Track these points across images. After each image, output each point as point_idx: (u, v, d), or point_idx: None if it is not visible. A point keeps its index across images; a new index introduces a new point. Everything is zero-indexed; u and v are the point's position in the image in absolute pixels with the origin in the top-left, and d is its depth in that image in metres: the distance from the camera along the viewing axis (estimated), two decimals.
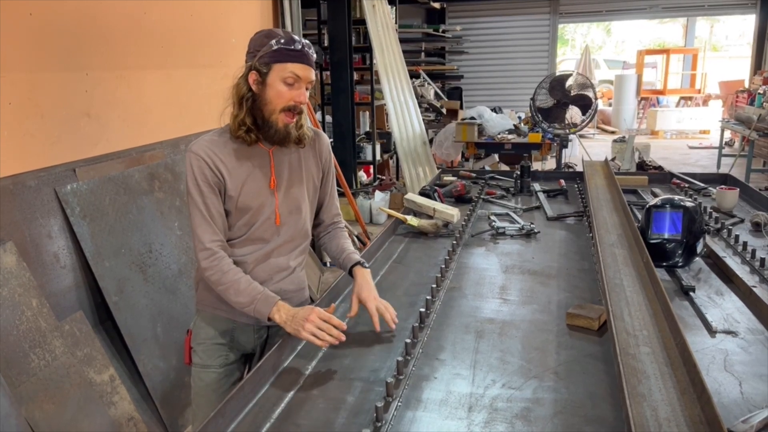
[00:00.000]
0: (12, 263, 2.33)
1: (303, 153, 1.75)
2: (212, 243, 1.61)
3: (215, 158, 1.61)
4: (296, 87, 1.58)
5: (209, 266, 1.60)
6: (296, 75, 1.56)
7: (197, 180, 1.60)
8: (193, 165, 1.60)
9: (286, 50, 1.55)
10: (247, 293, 1.59)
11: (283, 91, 1.57)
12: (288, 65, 1.56)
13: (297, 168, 1.74)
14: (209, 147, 1.62)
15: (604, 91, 15.60)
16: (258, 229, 1.70)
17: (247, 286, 1.60)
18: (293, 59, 1.56)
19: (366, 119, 7.13)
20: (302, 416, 1.32)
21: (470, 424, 1.26)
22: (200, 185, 1.60)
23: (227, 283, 1.60)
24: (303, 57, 1.57)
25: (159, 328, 2.87)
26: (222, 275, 1.60)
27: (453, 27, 11.99)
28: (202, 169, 1.60)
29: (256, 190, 1.67)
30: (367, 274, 1.74)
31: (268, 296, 1.59)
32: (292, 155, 1.73)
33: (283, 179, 1.71)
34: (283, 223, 1.73)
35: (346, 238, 1.89)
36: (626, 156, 5.63)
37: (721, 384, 1.38)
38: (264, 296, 1.59)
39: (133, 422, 2.60)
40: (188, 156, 1.62)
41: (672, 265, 2.09)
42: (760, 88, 8.85)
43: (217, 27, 3.88)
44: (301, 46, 1.57)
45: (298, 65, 1.57)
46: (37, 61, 2.57)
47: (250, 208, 1.67)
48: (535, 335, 1.66)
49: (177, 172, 3.33)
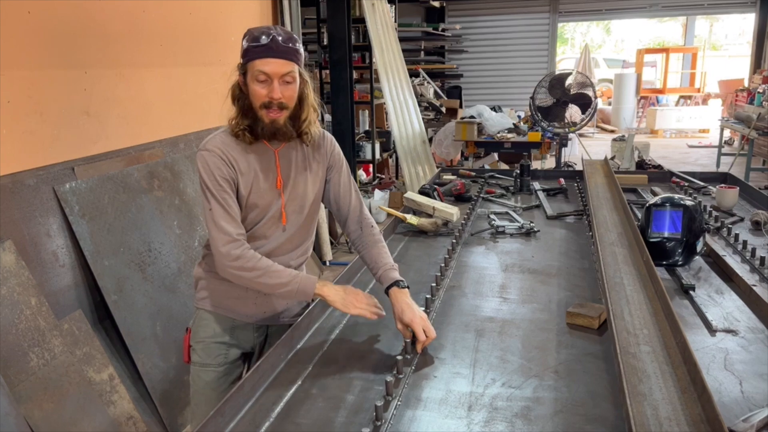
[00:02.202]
0: (11, 262, 2.32)
1: (308, 152, 1.74)
2: (239, 235, 1.61)
3: (230, 156, 1.62)
4: (269, 83, 1.57)
5: (241, 254, 1.59)
6: (263, 72, 1.55)
7: (215, 176, 1.59)
8: (209, 162, 1.60)
9: (253, 48, 1.55)
10: (286, 274, 1.62)
11: (257, 89, 1.57)
12: (255, 63, 1.55)
13: (302, 168, 1.73)
14: (223, 145, 1.62)
15: (604, 90, 15.59)
16: (263, 227, 1.70)
17: (283, 269, 1.63)
18: (258, 55, 1.55)
19: (365, 118, 7.12)
20: (302, 415, 1.31)
21: (470, 423, 1.25)
22: (219, 181, 1.60)
23: (262, 268, 1.60)
24: (268, 51, 1.54)
25: (158, 326, 2.87)
26: (257, 261, 1.60)
27: (452, 26, 11.99)
28: (218, 165, 1.60)
29: (263, 190, 1.67)
30: (405, 295, 1.65)
31: (307, 274, 1.65)
32: (297, 155, 1.72)
33: (289, 179, 1.70)
34: (288, 222, 1.73)
35: (382, 247, 1.79)
36: (626, 155, 5.62)
37: (721, 383, 1.37)
38: (304, 274, 1.64)
39: (132, 421, 2.60)
40: (203, 154, 1.61)
41: (672, 264, 2.09)
42: (760, 87, 8.84)
43: (216, 25, 3.87)
44: (269, 40, 1.54)
45: (263, 60, 1.54)
46: (36, 59, 2.57)
47: (257, 206, 1.67)
48: (535, 334, 1.65)
49: (176, 171, 3.33)
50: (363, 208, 1.85)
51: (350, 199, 1.82)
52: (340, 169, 1.81)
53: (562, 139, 6.23)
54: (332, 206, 1.85)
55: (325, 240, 5.08)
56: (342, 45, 5.91)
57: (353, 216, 1.83)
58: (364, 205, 1.87)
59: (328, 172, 1.80)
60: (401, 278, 1.70)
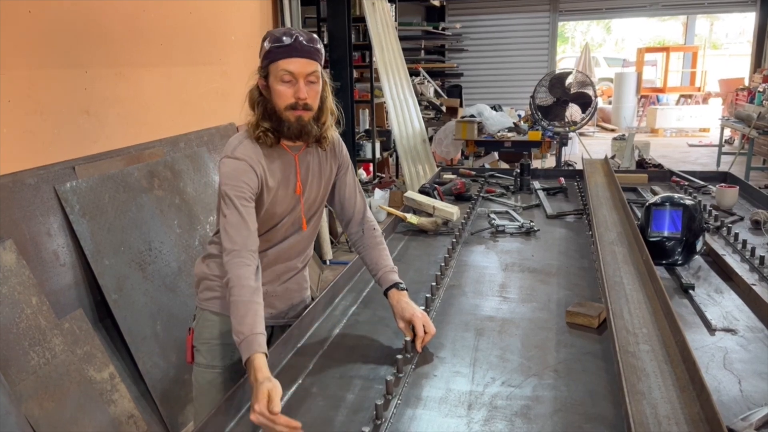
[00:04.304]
0: (12, 261, 2.33)
1: (323, 156, 1.73)
2: (245, 249, 1.49)
3: (259, 166, 1.57)
4: (293, 83, 1.54)
5: (235, 273, 1.47)
6: (288, 71, 1.53)
7: (240, 185, 1.53)
8: (237, 170, 1.54)
9: (276, 48, 1.52)
10: (247, 323, 1.40)
11: (282, 90, 1.54)
12: (279, 63, 1.53)
13: (317, 172, 1.72)
14: (253, 154, 1.57)
15: (604, 89, 15.58)
16: (281, 232, 1.69)
17: (245, 314, 1.42)
18: (282, 55, 1.52)
19: (366, 117, 7.12)
20: (302, 414, 1.31)
21: (470, 422, 1.26)
22: (243, 190, 1.53)
23: (235, 296, 1.44)
24: (292, 50, 1.52)
25: (159, 325, 2.87)
26: (241, 289, 1.45)
27: (453, 25, 11.97)
28: (247, 174, 1.55)
29: (283, 195, 1.65)
30: (403, 296, 1.64)
31: (251, 344, 1.38)
32: (313, 159, 1.70)
33: (306, 184, 1.69)
34: (308, 227, 1.73)
35: (383, 249, 1.78)
36: (626, 154, 5.62)
37: (720, 382, 1.38)
38: (248, 344, 1.38)
39: (132, 420, 2.60)
40: (230, 162, 1.55)
41: (671, 263, 2.09)
42: (760, 86, 8.84)
43: (216, 24, 3.87)
44: (293, 40, 1.52)
45: (287, 60, 1.52)
46: (36, 58, 2.57)
47: (276, 212, 1.65)
48: (534, 333, 1.66)
49: (176, 170, 3.33)
50: (367, 209, 1.84)
51: (355, 200, 1.81)
52: (347, 170, 1.80)
53: (563, 138, 6.23)
54: (336, 207, 1.83)
55: (325, 239, 5.08)
56: (342, 44, 5.91)
57: (357, 217, 1.82)
58: (368, 207, 1.86)
59: (337, 173, 1.79)
60: (400, 280, 1.70)
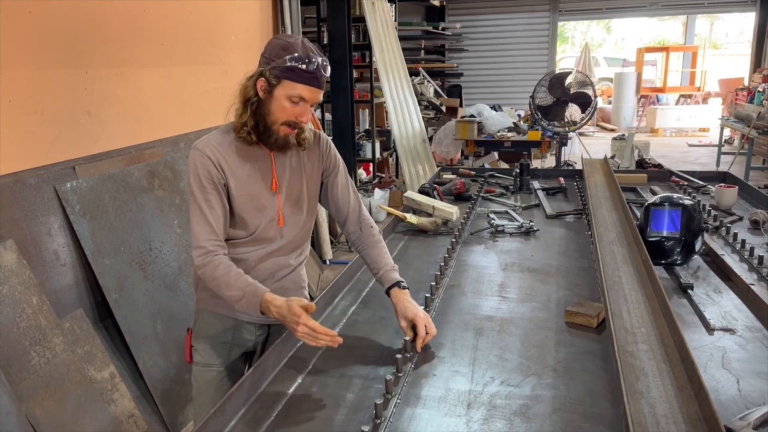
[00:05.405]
0: (12, 261, 2.33)
1: (303, 154, 1.75)
2: (207, 241, 1.58)
3: (220, 157, 1.61)
4: (301, 105, 1.57)
5: (201, 263, 1.58)
6: (302, 97, 1.55)
7: (200, 178, 1.59)
8: (197, 163, 1.60)
9: (300, 70, 1.52)
10: (238, 287, 1.53)
11: (287, 107, 1.56)
12: (297, 86, 1.53)
13: (297, 169, 1.74)
14: (215, 146, 1.62)
15: (604, 89, 15.58)
16: (262, 229, 1.70)
17: (237, 279, 1.54)
18: (304, 81, 1.53)
19: (365, 117, 7.12)
20: (302, 413, 1.32)
21: (469, 421, 1.26)
22: (204, 183, 1.59)
23: (218, 278, 1.56)
24: (314, 80, 1.54)
25: (159, 325, 2.88)
26: (214, 269, 1.56)
27: (453, 24, 11.98)
28: (206, 167, 1.59)
29: (257, 192, 1.67)
30: (405, 295, 1.66)
31: (256, 290, 1.53)
32: (292, 157, 1.73)
33: (284, 181, 1.71)
34: (286, 224, 1.73)
35: (382, 248, 1.79)
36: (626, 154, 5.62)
37: (718, 381, 1.38)
38: (253, 289, 1.53)
39: (133, 419, 2.61)
40: (193, 154, 1.61)
41: (670, 263, 2.10)
42: (760, 86, 8.84)
43: (216, 24, 3.87)
44: (315, 68, 1.53)
45: (307, 88, 1.54)
46: (36, 58, 2.57)
47: (253, 209, 1.67)
48: (534, 333, 1.66)
49: (177, 170, 3.33)
50: (362, 208, 1.85)
51: (349, 200, 1.83)
52: (337, 171, 1.82)
53: (562, 138, 6.23)
54: (331, 208, 1.84)
55: (325, 239, 5.08)
56: (342, 44, 5.91)
57: (352, 217, 1.83)
58: (363, 206, 1.87)
59: (325, 174, 1.80)
60: (402, 279, 1.71)
